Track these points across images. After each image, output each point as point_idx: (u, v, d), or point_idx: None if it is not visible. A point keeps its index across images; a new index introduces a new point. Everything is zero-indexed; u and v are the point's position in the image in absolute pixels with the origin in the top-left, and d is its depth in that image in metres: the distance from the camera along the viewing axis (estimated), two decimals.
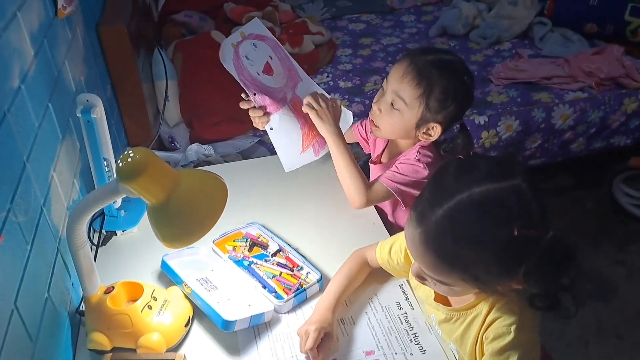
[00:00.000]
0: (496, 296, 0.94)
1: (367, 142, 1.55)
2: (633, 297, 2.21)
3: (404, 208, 1.38)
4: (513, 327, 0.92)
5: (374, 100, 1.36)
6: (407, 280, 1.21)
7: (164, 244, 0.95)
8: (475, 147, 2.30)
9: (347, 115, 1.44)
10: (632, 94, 2.42)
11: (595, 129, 2.45)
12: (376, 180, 1.35)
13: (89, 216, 0.96)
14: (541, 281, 0.87)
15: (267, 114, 1.35)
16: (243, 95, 1.35)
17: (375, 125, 1.36)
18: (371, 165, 1.52)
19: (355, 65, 2.79)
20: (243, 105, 1.36)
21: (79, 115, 1.22)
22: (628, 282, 2.28)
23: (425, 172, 1.31)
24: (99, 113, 1.23)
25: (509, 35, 2.93)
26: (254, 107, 1.35)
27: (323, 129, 1.33)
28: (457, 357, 1.06)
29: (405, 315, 1.15)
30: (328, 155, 1.40)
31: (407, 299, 1.19)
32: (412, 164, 1.32)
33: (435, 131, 1.30)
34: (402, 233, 1.14)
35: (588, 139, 2.48)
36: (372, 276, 1.22)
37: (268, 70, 1.37)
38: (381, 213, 1.47)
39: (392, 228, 1.46)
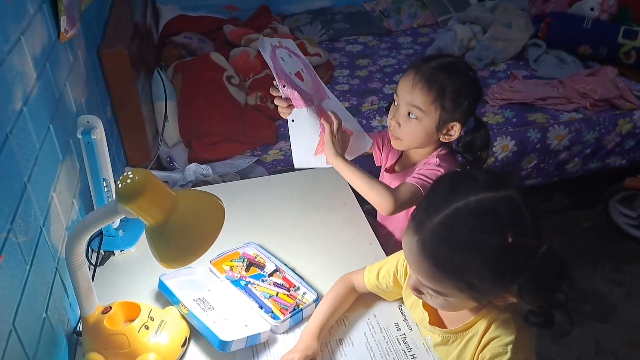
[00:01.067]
0: (491, 309, 0.95)
1: (381, 154, 1.56)
2: (631, 318, 2.21)
3: None
4: (510, 347, 0.93)
5: (389, 117, 1.38)
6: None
7: (162, 264, 0.96)
8: None
9: (365, 140, 1.47)
10: (626, 115, 2.45)
11: (591, 149, 2.47)
12: (402, 183, 1.33)
13: (88, 236, 0.97)
14: (535, 296, 0.89)
15: (290, 106, 1.35)
16: (274, 83, 1.35)
17: (397, 138, 1.38)
18: (385, 175, 1.52)
19: (352, 85, 2.82)
20: (272, 92, 1.36)
21: (79, 136, 1.24)
22: (626, 303, 2.28)
23: None
24: (99, 134, 1.25)
25: (503, 57, 2.97)
26: (281, 97, 1.35)
27: (330, 153, 1.33)
28: None
29: (404, 336, 1.15)
30: (325, 176, 1.41)
31: (405, 320, 1.19)
32: (434, 169, 1.32)
33: (455, 129, 1.33)
34: (389, 257, 1.17)
35: (583, 160, 2.50)
36: (371, 296, 1.22)
37: (299, 77, 1.40)
38: (376, 231, 1.48)
39: (389, 243, 1.48)
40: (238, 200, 1.57)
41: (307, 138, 1.40)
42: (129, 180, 0.89)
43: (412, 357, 1.10)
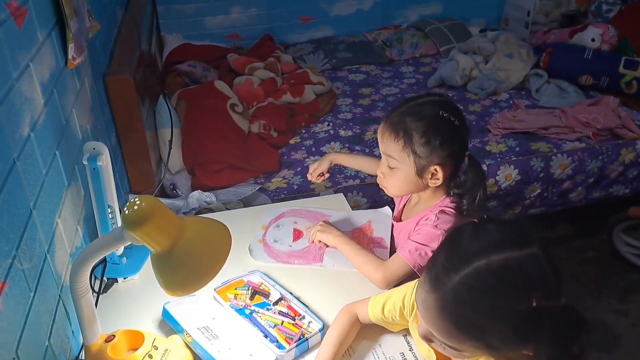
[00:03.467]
0: None
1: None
2: (637, 348, 2.18)
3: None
4: None
5: (378, 168, 1.39)
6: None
7: (167, 292, 0.95)
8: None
9: (384, 212, 1.60)
10: (629, 145, 2.46)
11: (594, 178, 2.47)
12: (395, 255, 1.33)
13: (93, 263, 0.96)
14: (552, 349, 0.85)
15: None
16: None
17: (385, 187, 1.39)
18: (394, 224, 1.50)
19: (355, 114, 2.84)
20: None
21: (85, 162, 1.24)
22: (631, 333, 2.25)
23: None
24: (105, 161, 1.25)
25: (505, 87, 3.00)
26: None
27: (330, 240, 1.44)
28: None
29: None
30: (330, 203, 1.41)
31: (411, 349, 1.17)
32: (430, 231, 1.29)
33: (439, 173, 1.27)
34: (395, 290, 1.15)
35: (587, 189, 2.50)
36: (376, 326, 1.20)
37: (297, 235, 1.53)
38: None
39: None
40: (242, 227, 1.56)
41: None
42: (135, 207, 0.88)
43: None
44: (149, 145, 2.08)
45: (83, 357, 1.09)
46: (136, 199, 0.89)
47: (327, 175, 1.69)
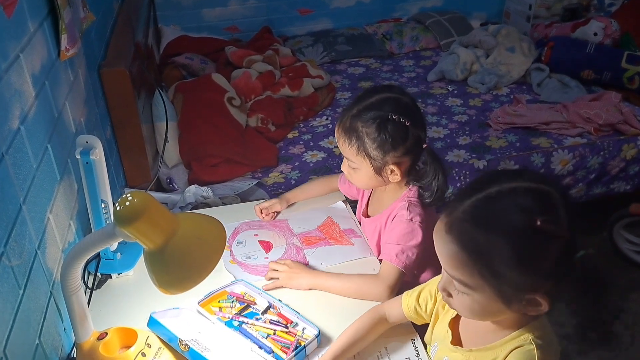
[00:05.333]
0: (525, 327, 0.91)
1: (352, 190, 1.56)
2: (637, 345, 2.16)
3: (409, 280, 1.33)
4: None
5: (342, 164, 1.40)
6: (419, 336, 1.18)
7: (160, 289, 0.93)
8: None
9: (339, 206, 1.59)
10: (630, 140, 2.44)
11: (595, 174, 2.45)
12: (383, 263, 1.31)
13: (85, 260, 0.94)
14: (586, 308, 0.86)
15: None
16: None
17: (351, 182, 1.42)
18: (362, 220, 1.51)
19: None
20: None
21: (78, 156, 1.21)
22: (632, 330, 2.22)
23: (421, 233, 1.29)
24: (98, 155, 1.22)
25: (506, 81, 2.97)
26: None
27: (303, 284, 1.32)
28: None
29: None
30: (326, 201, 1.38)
31: (417, 355, 1.14)
32: (405, 226, 1.30)
33: (395, 172, 1.30)
34: (430, 281, 1.14)
35: (588, 185, 2.48)
36: (390, 326, 1.18)
37: (267, 246, 1.47)
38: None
39: None
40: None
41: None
42: (127, 203, 0.86)
43: None
44: (145, 138, 2.05)
45: (75, 355, 1.07)
46: (128, 195, 0.87)
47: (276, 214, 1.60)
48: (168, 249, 0.89)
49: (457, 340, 1.03)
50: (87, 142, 1.22)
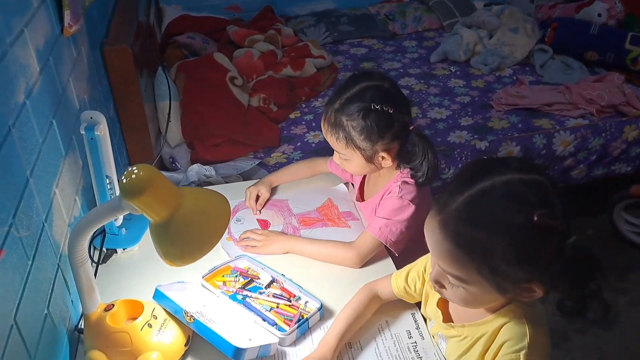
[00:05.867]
0: (507, 311, 0.92)
1: (345, 174, 1.57)
2: (635, 326, 2.18)
3: (397, 255, 1.35)
4: (522, 353, 0.90)
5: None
6: (419, 309, 1.19)
7: (166, 262, 0.94)
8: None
9: (340, 189, 1.59)
10: (632, 122, 2.44)
11: (596, 156, 2.45)
12: (363, 232, 1.35)
13: (92, 232, 0.95)
14: (568, 285, 0.87)
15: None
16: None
17: (346, 170, 1.43)
18: (358, 204, 1.53)
19: None
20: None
21: (82, 132, 1.22)
22: (630, 311, 2.25)
23: (412, 208, 1.31)
24: (103, 130, 1.23)
25: (509, 62, 2.96)
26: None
27: (278, 248, 1.37)
28: None
29: (415, 344, 1.12)
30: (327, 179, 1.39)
31: (417, 327, 1.16)
32: (395, 202, 1.32)
33: (387, 159, 1.32)
34: (418, 260, 1.14)
35: (589, 166, 2.48)
36: (385, 303, 1.19)
37: (265, 225, 1.49)
38: None
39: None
40: (240, 200, 1.55)
41: None
42: (133, 176, 0.87)
43: None
44: (148, 117, 2.06)
45: (82, 327, 1.08)
46: (134, 168, 0.88)
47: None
48: (173, 222, 0.90)
49: (447, 319, 1.05)
50: (91, 117, 1.23)
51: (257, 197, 1.55)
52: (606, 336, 2.14)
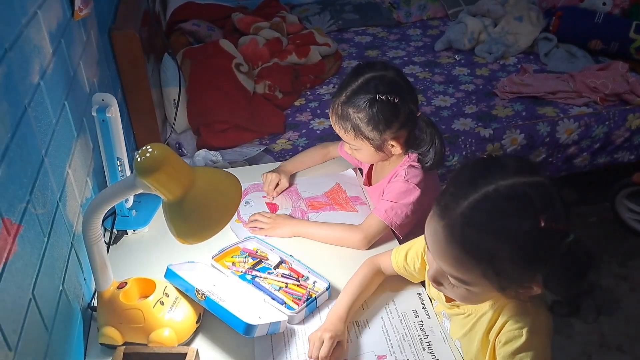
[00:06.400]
0: (514, 301, 0.94)
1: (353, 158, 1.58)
2: (636, 312, 2.21)
3: (402, 238, 1.37)
4: (525, 330, 0.92)
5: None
6: (425, 289, 1.20)
7: (179, 239, 0.96)
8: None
9: (349, 174, 1.63)
10: (636, 110, 2.45)
11: (600, 144, 2.47)
12: (370, 215, 1.36)
13: (106, 210, 0.97)
14: (562, 285, 0.88)
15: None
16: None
17: (357, 159, 1.46)
18: (365, 189, 1.55)
19: None
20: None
21: (94, 114, 1.23)
22: (631, 297, 2.28)
23: (417, 192, 1.32)
24: (114, 113, 1.25)
25: (514, 51, 2.96)
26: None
27: (286, 232, 1.39)
28: (461, 353, 1.07)
29: (421, 323, 1.15)
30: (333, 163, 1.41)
31: (424, 307, 1.18)
32: (401, 185, 1.34)
33: (396, 147, 1.34)
34: (417, 239, 1.16)
35: (592, 154, 2.50)
36: (390, 282, 1.22)
37: (273, 208, 1.51)
38: None
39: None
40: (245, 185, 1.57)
41: None
42: (148, 154, 0.89)
43: (427, 344, 1.10)
44: (154, 103, 2.07)
45: (95, 305, 1.11)
46: (148, 147, 0.90)
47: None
48: (186, 200, 0.92)
49: (450, 299, 1.06)
50: (102, 100, 1.24)
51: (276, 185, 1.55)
52: (607, 321, 2.16)
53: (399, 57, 2.99)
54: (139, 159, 0.89)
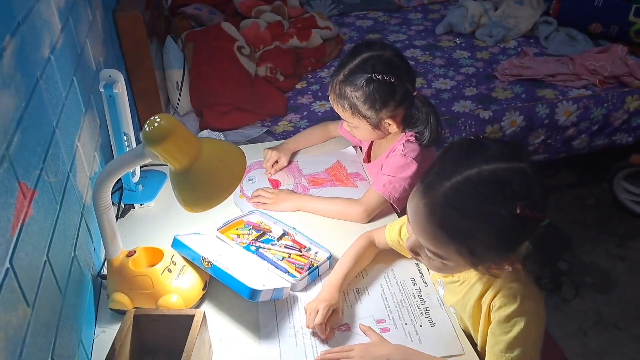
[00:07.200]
0: (486, 275, 0.97)
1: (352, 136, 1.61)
2: (632, 291, 2.25)
3: (399, 211, 1.41)
4: (519, 295, 0.96)
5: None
6: None
7: (185, 208, 0.99)
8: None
9: (349, 151, 1.64)
10: (634, 93, 2.47)
11: (598, 126, 2.49)
12: (369, 189, 1.40)
13: (116, 178, 1.00)
14: (539, 265, 0.92)
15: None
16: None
17: (354, 136, 1.50)
18: (365, 165, 1.59)
19: None
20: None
21: (101, 90, 1.26)
22: (627, 276, 2.31)
23: (414, 166, 1.36)
24: (121, 88, 1.28)
25: (514, 34, 2.98)
26: None
27: (289, 206, 1.43)
28: (455, 318, 1.11)
29: (419, 290, 1.19)
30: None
31: (422, 275, 1.22)
32: (399, 159, 1.37)
33: (393, 125, 1.37)
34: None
35: (590, 136, 2.52)
36: (390, 252, 1.25)
37: (275, 184, 1.55)
38: None
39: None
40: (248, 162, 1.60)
41: None
42: (156, 124, 0.92)
43: (425, 310, 1.14)
44: (158, 85, 2.10)
45: (105, 273, 1.14)
46: (156, 117, 0.93)
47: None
48: (193, 170, 0.95)
49: None
50: (109, 76, 1.27)
51: (275, 162, 1.59)
52: (603, 300, 2.20)
53: (400, 41, 3.01)
54: (147, 129, 0.92)
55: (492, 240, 0.88)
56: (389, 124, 1.37)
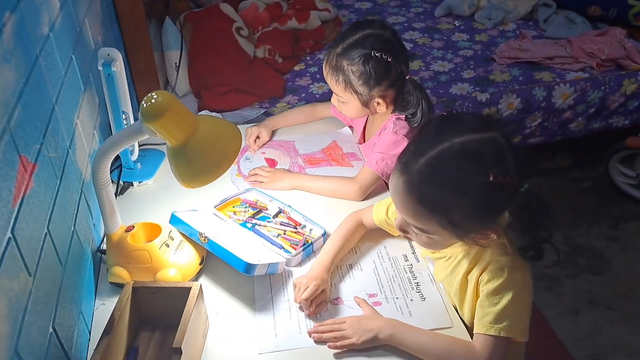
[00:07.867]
0: (474, 246, 1.00)
1: (346, 118, 1.63)
2: (625, 272, 2.28)
3: None
4: (506, 268, 0.98)
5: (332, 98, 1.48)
6: None
7: (183, 183, 1.01)
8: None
9: (345, 132, 1.64)
10: (631, 76, 2.48)
11: (595, 109, 2.50)
12: (363, 167, 1.43)
13: (114, 154, 1.02)
14: (521, 233, 0.95)
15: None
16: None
17: (342, 112, 1.51)
18: (360, 146, 1.61)
19: None
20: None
21: (100, 68, 1.28)
22: (621, 258, 2.34)
23: (405, 143, 1.37)
24: (119, 67, 1.29)
25: (513, 17, 2.98)
26: None
27: (286, 184, 1.45)
28: (444, 293, 1.14)
29: (411, 266, 1.21)
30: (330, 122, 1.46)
31: (413, 252, 1.25)
32: (390, 137, 1.39)
33: (382, 105, 1.39)
34: None
35: (587, 119, 2.54)
36: (383, 230, 1.27)
37: (272, 164, 1.57)
38: None
39: None
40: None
41: None
42: (153, 100, 0.93)
43: (416, 284, 1.17)
44: (157, 66, 2.11)
45: (104, 247, 1.17)
46: (153, 94, 0.94)
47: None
48: (190, 145, 0.97)
49: None
50: (108, 54, 1.29)
51: (257, 138, 1.62)
52: (596, 281, 2.24)
53: (398, 23, 3.01)
54: (144, 105, 0.93)
55: (470, 210, 0.90)
56: (378, 103, 1.39)
